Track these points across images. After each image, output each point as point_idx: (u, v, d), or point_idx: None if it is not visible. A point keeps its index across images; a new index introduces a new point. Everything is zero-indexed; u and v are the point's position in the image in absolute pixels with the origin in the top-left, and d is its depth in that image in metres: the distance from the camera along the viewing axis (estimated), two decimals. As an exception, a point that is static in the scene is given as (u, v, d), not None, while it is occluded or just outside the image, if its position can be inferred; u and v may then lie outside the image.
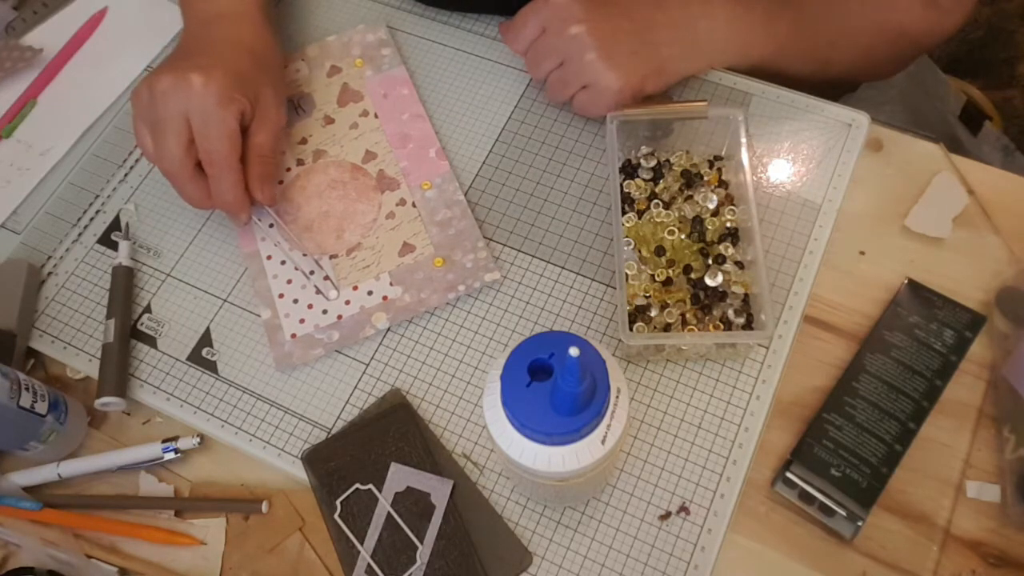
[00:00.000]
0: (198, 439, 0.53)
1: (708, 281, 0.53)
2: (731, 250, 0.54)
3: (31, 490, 0.54)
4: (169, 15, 0.71)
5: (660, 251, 0.54)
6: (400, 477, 0.51)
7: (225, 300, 0.58)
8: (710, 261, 0.54)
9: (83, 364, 0.57)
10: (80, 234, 0.62)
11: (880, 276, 0.55)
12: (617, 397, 0.39)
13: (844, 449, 0.50)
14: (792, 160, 0.59)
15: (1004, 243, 0.56)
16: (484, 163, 0.61)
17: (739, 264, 0.53)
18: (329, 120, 0.64)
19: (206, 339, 0.57)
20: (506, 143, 0.62)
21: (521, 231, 0.59)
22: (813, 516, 0.49)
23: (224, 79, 0.53)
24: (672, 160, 0.58)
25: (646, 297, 0.53)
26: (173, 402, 0.55)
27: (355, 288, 0.57)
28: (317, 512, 0.51)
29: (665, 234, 0.55)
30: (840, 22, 0.62)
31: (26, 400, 0.49)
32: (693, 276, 0.53)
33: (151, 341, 0.57)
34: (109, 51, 0.70)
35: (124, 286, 0.58)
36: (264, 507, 0.52)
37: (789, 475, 0.50)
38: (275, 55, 0.60)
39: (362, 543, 0.49)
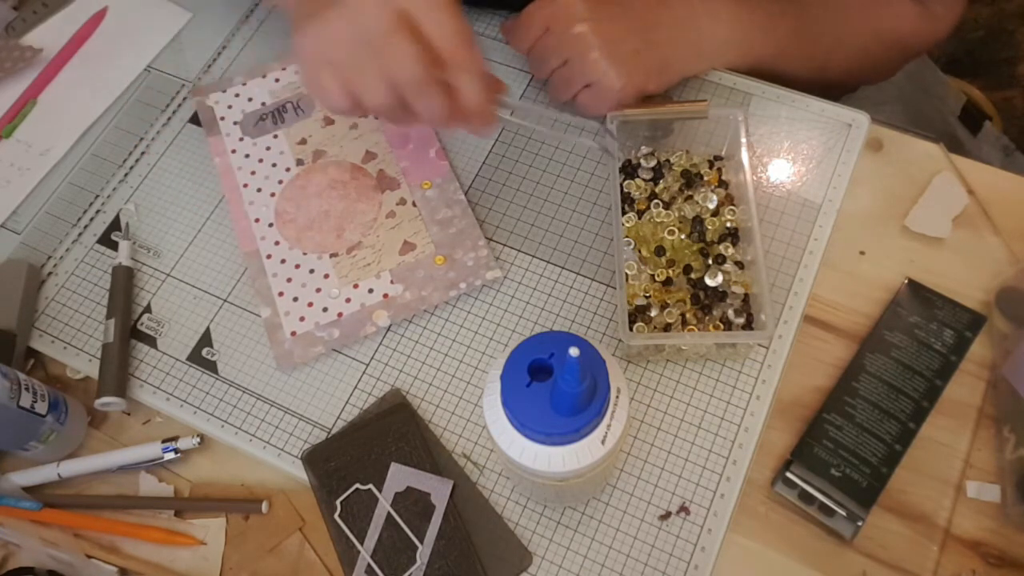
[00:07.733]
0: (198, 439, 0.53)
1: (708, 281, 0.53)
2: (731, 250, 0.54)
3: (31, 490, 0.54)
4: (169, 15, 0.71)
5: (660, 251, 0.54)
6: (400, 477, 0.51)
7: (225, 300, 0.58)
8: (710, 261, 0.54)
9: (83, 364, 0.57)
10: (80, 234, 0.62)
11: (880, 276, 0.55)
12: (617, 397, 0.39)
13: (844, 449, 0.50)
14: (792, 160, 0.59)
15: (1004, 243, 0.56)
16: (484, 163, 0.61)
17: (739, 264, 0.53)
18: (328, 120, 0.64)
19: (206, 339, 0.57)
20: (506, 143, 0.62)
21: (521, 231, 0.59)
22: (813, 516, 0.49)
23: None
24: (672, 160, 0.58)
25: (646, 297, 0.53)
26: (173, 402, 0.55)
27: (356, 286, 0.57)
28: (317, 512, 0.51)
29: (665, 234, 0.55)
30: (838, 27, 0.63)
31: (26, 400, 0.49)
32: (693, 276, 0.53)
33: (151, 341, 0.57)
34: (109, 51, 0.70)
35: (124, 286, 0.58)
36: (264, 507, 0.52)
37: (789, 475, 0.50)
38: None
39: (362, 543, 0.49)
